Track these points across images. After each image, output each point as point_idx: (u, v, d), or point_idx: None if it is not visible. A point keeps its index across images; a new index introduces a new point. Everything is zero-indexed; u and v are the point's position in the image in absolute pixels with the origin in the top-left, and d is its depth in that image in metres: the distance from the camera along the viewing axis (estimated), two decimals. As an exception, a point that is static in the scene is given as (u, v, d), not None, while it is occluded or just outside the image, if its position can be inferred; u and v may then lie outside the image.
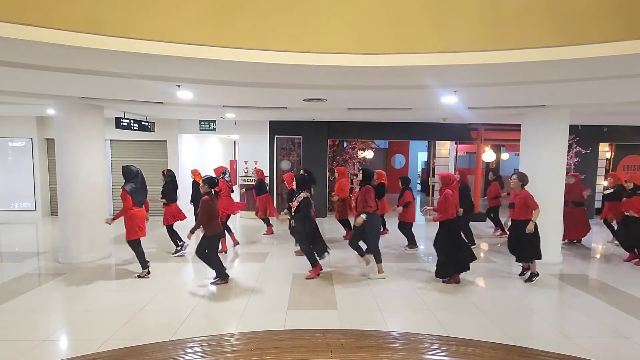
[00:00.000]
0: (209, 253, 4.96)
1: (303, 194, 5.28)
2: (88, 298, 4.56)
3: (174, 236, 6.47)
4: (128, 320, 3.93)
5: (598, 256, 6.89)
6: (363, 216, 5.16)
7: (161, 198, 6.44)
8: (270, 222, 8.14)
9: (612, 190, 7.05)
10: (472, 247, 5.66)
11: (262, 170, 8.26)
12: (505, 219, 7.37)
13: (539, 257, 5.22)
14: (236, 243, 7.06)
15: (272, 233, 8.12)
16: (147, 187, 5.45)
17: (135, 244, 5.19)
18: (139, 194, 5.22)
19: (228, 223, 6.82)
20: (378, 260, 5.29)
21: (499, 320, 4.03)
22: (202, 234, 4.96)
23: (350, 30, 3.24)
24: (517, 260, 5.54)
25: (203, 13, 3.09)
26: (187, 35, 3.08)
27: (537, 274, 5.25)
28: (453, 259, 5.06)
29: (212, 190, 5.06)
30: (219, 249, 5.60)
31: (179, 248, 6.44)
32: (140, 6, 2.99)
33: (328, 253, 5.46)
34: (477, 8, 3.17)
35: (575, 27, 3.02)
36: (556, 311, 4.50)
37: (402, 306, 4.45)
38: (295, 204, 5.33)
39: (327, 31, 3.23)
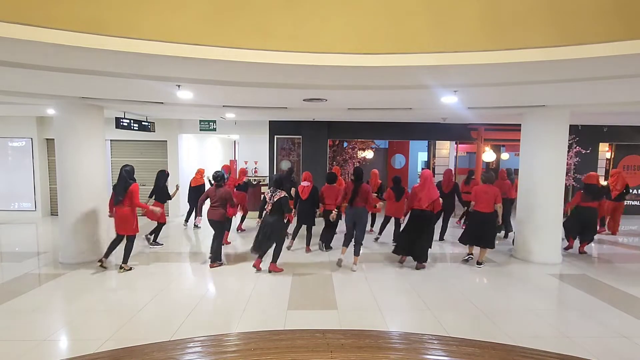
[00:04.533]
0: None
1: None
2: (88, 298, 4.56)
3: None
4: (128, 320, 3.93)
5: (598, 256, 6.89)
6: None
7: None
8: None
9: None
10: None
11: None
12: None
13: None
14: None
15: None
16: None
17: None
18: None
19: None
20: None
21: (499, 320, 4.03)
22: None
23: (350, 30, 3.24)
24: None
25: (203, 13, 3.09)
26: (187, 35, 3.08)
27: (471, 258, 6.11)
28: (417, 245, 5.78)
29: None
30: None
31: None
32: (141, 6, 2.99)
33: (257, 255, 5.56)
34: (476, 8, 3.17)
35: (575, 27, 3.02)
36: (556, 311, 4.51)
37: (402, 306, 4.45)
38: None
39: (327, 31, 3.23)
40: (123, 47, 3.01)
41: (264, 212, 5.50)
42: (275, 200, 5.31)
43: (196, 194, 7.75)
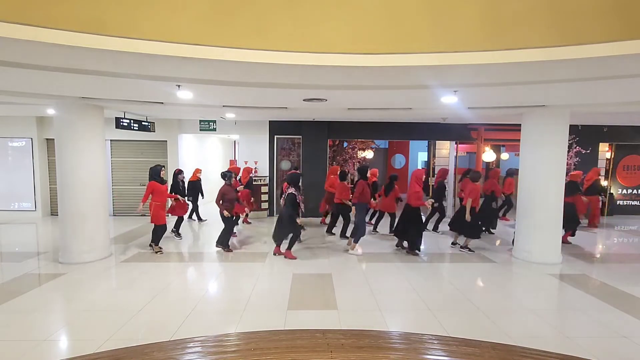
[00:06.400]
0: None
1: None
2: (88, 298, 4.56)
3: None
4: (128, 320, 3.94)
5: (598, 256, 6.89)
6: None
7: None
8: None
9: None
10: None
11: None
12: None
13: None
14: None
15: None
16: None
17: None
18: None
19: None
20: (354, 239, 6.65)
21: (499, 320, 4.04)
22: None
23: (350, 30, 3.24)
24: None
25: (203, 13, 3.09)
26: (187, 35, 3.09)
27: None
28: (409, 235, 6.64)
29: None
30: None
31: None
32: (141, 6, 2.99)
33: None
34: (476, 8, 3.17)
35: (575, 27, 3.02)
36: (556, 311, 4.51)
37: (402, 306, 4.45)
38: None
39: (327, 31, 3.23)
40: (123, 47, 3.01)
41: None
42: (286, 195, 6.14)
43: (191, 188, 8.73)
